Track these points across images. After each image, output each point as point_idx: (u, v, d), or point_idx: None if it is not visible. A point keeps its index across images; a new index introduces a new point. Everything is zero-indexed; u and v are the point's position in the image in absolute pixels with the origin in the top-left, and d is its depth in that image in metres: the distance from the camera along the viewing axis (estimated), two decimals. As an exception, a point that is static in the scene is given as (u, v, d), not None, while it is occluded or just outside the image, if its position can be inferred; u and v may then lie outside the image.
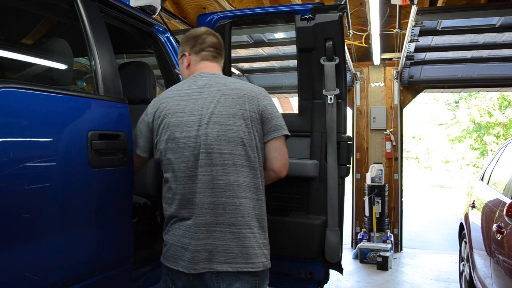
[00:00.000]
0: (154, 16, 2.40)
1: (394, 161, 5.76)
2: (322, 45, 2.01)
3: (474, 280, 3.12)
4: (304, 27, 2.03)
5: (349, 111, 5.91)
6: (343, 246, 2.18)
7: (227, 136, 1.46)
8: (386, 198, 5.54)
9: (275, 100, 12.97)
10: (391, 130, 5.76)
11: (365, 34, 5.06)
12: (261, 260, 1.46)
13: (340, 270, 2.07)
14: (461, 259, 3.87)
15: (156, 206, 2.29)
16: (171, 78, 2.39)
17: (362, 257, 5.07)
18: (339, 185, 2.03)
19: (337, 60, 1.99)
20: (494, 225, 2.47)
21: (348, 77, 5.68)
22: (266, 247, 1.51)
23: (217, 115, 1.47)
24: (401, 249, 5.70)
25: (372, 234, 5.45)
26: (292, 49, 4.79)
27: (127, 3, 2.17)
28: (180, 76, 1.76)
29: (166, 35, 2.43)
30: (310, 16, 2.02)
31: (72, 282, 1.53)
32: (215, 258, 1.42)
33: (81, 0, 1.72)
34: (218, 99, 1.51)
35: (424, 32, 4.08)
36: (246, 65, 5.88)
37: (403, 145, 5.99)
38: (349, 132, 2.11)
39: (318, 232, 2.00)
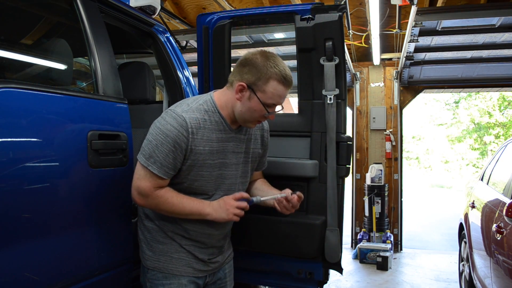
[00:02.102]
0: (154, 16, 2.40)
1: (394, 161, 5.77)
2: (322, 45, 2.01)
3: (474, 280, 3.12)
4: (304, 27, 2.03)
5: (349, 111, 5.89)
6: (343, 246, 2.18)
7: None
8: (386, 198, 5.54)
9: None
10: (391, 130, 5.76)
11: (365, 34, 5.06)
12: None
13: (340, 270, 2.07)
14: (460, 259, 3.88)
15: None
16: (171, 79, 2.39)
17: (362, 257, 5.07)
18: (338, 185, 2.03)
19: (337, 60, 1.99)
20: (494, 225, 2.47)
21: (348, 77, 5.68)
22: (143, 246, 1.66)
23: None
24: (401, 249, 5.70)
25: (372, 234, 5.45)
26: (292, 49, 4.79)
27: (127, 3, 2.17)
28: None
29: (166, 35, 2.43)
30: (310, 16, 2.02)
31: (72, 282, 1.54)
32: None
33: (81, 0, 1.72)
34: None
35: (423, 32, 4.08)
36: (246, 65, 5.86)
37: (403, 145, 5.99)
38: (349, 132, 2.11)
39: (317, 232, 2.00)
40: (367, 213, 5.54)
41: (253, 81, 1.48)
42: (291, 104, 13.33)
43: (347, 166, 2.05)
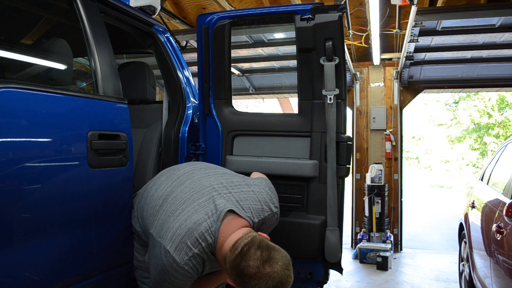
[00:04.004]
0: (154, 16, 2.40)
1: (394, 161, 5.76)
2: (322, 45, 2.01)
3: (474, 280, 3.12)
4: (304, 27, 2.03)
5: (348, 111, 5.89)
6: (343, 246, 2.18)
7: None
8: (386, 198, 5.54)
9: (275, 100, 13.01)
10: (390, 130, 5.76)
11: (365, 34, 5.06)
12: None
13: (339, 270, 2.07)
14: (460, 259, 3.87)
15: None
16: (170, 79, 2.39)
17: (362, 257, 5.07)
18: (338, 185, 2.03)
19: (337, 60, 2.00)
20: (494, 225, 2.47)
21: (348, 77, 5.67)
22: None
23: None
24: (401, 249, 5.70)
25: (372, 234, 5.45)
26: (292, 49, 4.79)
27: (127, 3, 2.17)
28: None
29: (166, 35, 2.43)
30: (310, 16, 2.02)
31: (72, 282, 1.54)
32: None
33: (81, 0, 1.72)
34: None
35: (423, 32, 4.08)
36: (246, 65, 5.88)
37: (403, 145, 5.99)
38: (348, 132, 2.11)
39: (317, 232, 2.00)
40: (367, 213, 5.54)
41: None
42: (291, 104, 13.34)
43: (347, 166, 2.05)
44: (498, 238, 2.36)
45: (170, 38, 2.46)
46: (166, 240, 1.46)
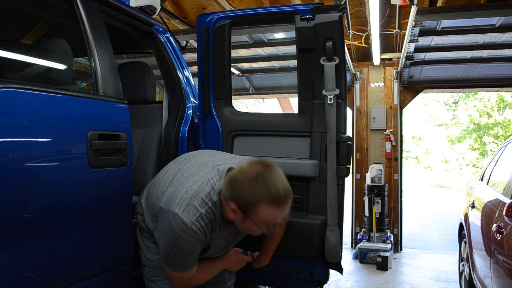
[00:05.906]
0: (154, 16, 2.41)
1: (394, 161, 5.76)
2: (322, 45, 2.01)
3: (474, 280, 3.12)
4: (304, 27, 2.03)
5: (349, 111, 5.89)
6: (343, 246, 2.19)
7: None
8: (386, 198, 5.54)
9: (275, 100, 13.01)
10: (390, 130, 5.76)
11: (365, 34, 5.06)
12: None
13: (340, 270, 2.07)
14: (460, 259, 3.88)
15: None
16: (170, 79, 2.39)
17: (362, 257, 5.07)
18: (339, 185, 2.03)
19: (337, 60, 2.00)
20: (494, 225, 2.47)
21: (348, 77, 5.67)
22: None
23: None
24: (401, 249, 5.70)
25: (372, 234, 5.45)
26: (292, 49, 4.79)
27: (127, 3, 2.17)
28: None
29: (166, 35, 2.44)
30: (310, 16, 2.02)
31: (72, 282, 1.54)
32: None
33: (81, 0, 1.72)
34: None
35: (423, 32, 4.08)
36: (246, 65, 5.88)
37: (403, 145, 5.99)
38: (349, 132, 2.11)
39: (318, 232, 2.00)
40: (367, 213, 5.54)
41: (244, 204, 1.43)
42: (291, 104, 13.34)
43: (347, 166, 2.05)
44: (498, 238, 2.36)
45: (170, 38, 2.46)
46: (174, 205, 1.51)
